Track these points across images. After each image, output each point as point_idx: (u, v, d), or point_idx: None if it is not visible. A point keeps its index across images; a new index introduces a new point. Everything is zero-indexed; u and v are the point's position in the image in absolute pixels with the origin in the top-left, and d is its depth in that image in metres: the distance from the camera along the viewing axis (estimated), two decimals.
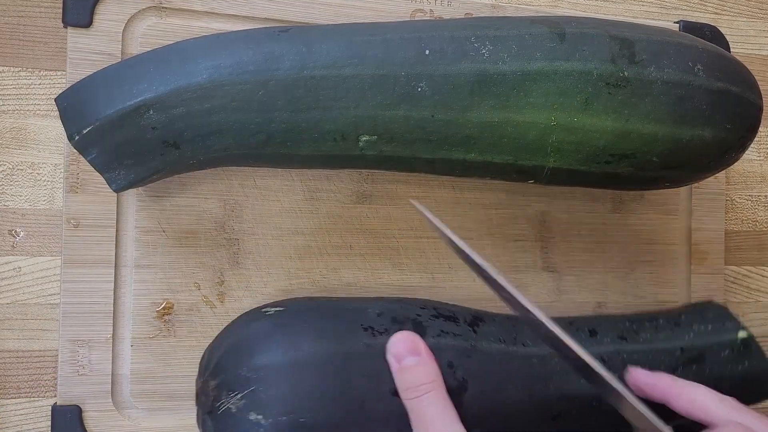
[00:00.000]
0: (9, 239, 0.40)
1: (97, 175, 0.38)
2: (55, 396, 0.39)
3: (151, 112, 0.33)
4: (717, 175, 0.44)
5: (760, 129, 0.41)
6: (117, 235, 0.39)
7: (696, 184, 0.49)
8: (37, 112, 0.40)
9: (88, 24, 0.39)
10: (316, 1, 0.42)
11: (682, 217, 0.49)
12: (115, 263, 0.39)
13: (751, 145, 0.43)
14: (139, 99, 0.33)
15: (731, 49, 0.50)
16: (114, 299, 0.39)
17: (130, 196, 0.40)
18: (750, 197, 0.52)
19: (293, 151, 0.36)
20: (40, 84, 0.40)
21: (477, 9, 0.45)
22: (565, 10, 0.49)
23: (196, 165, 0.36)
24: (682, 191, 0.49)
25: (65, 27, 0.39)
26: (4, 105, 0.40)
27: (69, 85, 0.35)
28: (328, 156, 0.36)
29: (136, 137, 0.34)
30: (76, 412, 0.38)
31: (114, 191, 0.35)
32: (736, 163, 0.42)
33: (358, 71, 0.34)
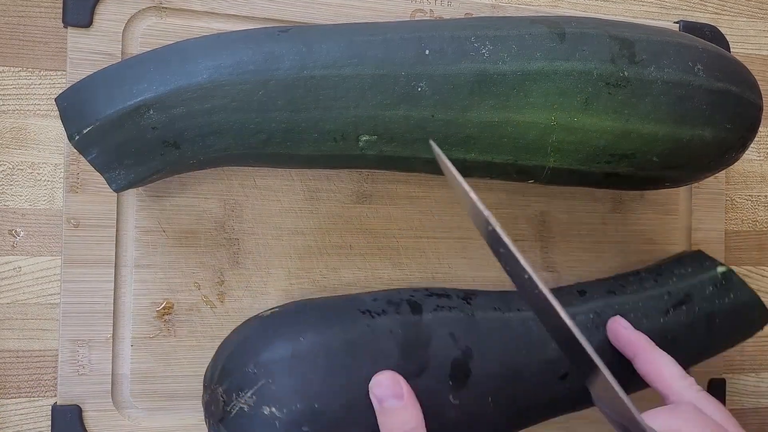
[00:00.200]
0: (9, 239, 0.40)
1: (97, 175, 0.38)
2: (55, 396, 0.39)
3: (151, 112, 0.33)
4: (717, 175, 0.44)
5: (760, 129, 0.41)
6: (117, 235, 0.39)
7: (696, 184, 0.49)
8: (37, 112, 0.40)
9: (88, 24, 0.39)
10: (316, 1, 0.42)
11: (682, 217, 0.49)
12: (115, 263, 0.39)
13: (751, 145, 0.43)
14: (139, 99, 0.33)
15: (731, 49, 0.50)
16: (114, 299, 0.39)
17: (130, 196, 0.40)
18: (750, 197, 0.52)
19: (293, 151, 0.36)
20: (40, 84, 0.40)
21: (477, 9, 0.45)
22: (565, 10, 0.49)
23: (196, 165, 0.36)
24: (682, 191, 0.49)
25: (65, 27, 0.39)
26: (4, 105, 0.40)
27: (69, 85, 0.35)
28: (328, 156, 0.36)
29: (136, 137, 0.34)
30: (76, 411, 0.38)
31: (114, 191, 0.35)
32: (736, 163, 0.42)
33: (358, 71, 0.34)
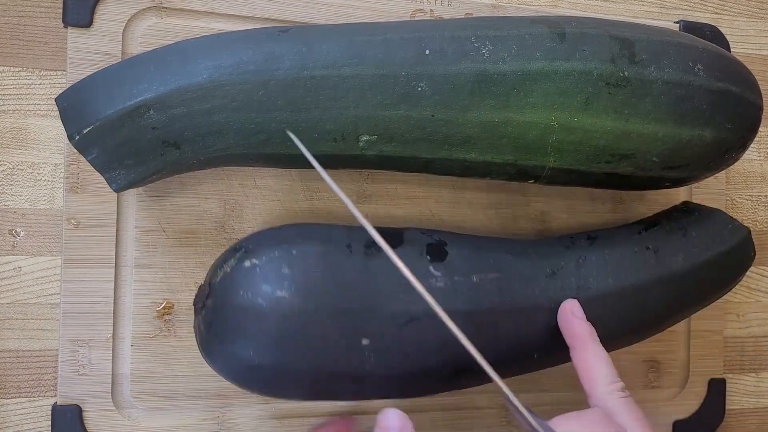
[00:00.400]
0: (9, 239, 0.40)
1: (97, 175, 0.38)
2: (56, 396, 0.39)
3: (152, 112, 0.33)
4: (717, 175, 0.44)
5: (760, 129, 0.41)
6: (117, 234, 0.39)
7: (696, 184, 0.49)
8: (38, 112, 0.40)
9: (88, 24, 0.39)
10: (316, 1, 0.42)
11: None
12: (116, 263, 0.39)
13: (751, 145, 0.43)
14: (140, 99, 0.33)
15: (731, 49, 0.50)
16: (114, 299, 0.39)
17: (130, 196, 0.40)
18: (750, 197, 0.52)
19: (293, 151, 0.35)
20: (41, 84, 0.40)
21: (477, 9, 0.45)
22: (565, 10, 0.49)
23: (196, 165, 0.36)
24: (682, 191, 0.49)
25: (65, 27, 0.39)
26: (4, 105, 0.40)
27: (69, 85, 0.35)
28: (328, 156, 0.36)
29: (136, 137, 0.34)
30: (76, 411, 0.38)
31: (114, 191, 0.35)
32: (736, 163, 0.42)
33: (358, 71, 0.34)
